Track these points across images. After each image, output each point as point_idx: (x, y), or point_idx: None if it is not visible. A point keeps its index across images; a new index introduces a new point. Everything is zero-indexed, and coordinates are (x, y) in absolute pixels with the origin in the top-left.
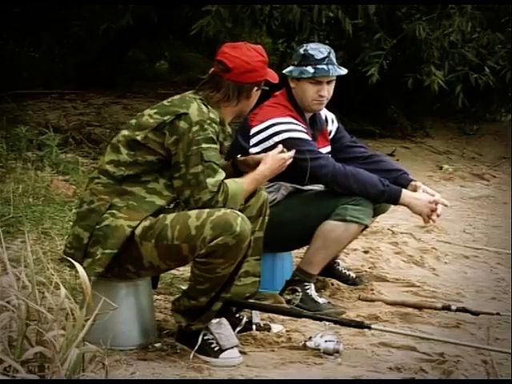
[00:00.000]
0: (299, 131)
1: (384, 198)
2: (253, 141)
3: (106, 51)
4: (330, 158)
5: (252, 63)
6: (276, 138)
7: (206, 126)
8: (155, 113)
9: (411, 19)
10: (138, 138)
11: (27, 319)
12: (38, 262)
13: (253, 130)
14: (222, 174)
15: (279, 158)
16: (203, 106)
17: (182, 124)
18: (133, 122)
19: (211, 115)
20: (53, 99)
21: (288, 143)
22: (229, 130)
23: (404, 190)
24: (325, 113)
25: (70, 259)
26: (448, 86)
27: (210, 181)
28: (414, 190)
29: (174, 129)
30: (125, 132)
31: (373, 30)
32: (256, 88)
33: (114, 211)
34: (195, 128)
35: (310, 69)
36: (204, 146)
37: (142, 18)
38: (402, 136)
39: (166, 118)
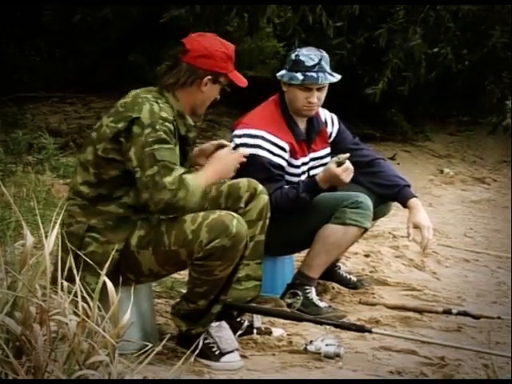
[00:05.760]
0: (266, 150)
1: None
2: (231, 144)
3: (106, 55)
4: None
5: (210, 49)
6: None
7: (157, 127)
8: (111, 121)
9: (386, 20)
10: (99, 152)
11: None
12: (43, 266)
13: (234, 133)
14: (178, 170)
15: (225, 158)
16: (155, 105)
17: (135, 129)
18: (94, 135)
19: (163, 114)
20: (54, 103)
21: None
22: (190, 121)
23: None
24: (324, 114)
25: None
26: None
27: (167, 179)
28: (412, 209)
29: (129, 134)
30: (90, 148)
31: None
32: (210, 78)
33: (95, 235)
34: (147, 130)
35: (300, 75)
36: (156, 146)
37: (142, 21)
38: (403, 140)
39: (120, 125)
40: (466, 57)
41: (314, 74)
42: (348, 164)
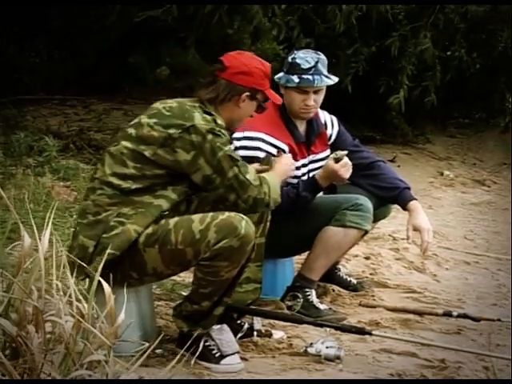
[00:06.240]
0: (265, 152)
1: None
2: (231, 147)
3: (106, 57)
4: None
5: (249, 66)
6: (241, 152)
7: (217, 133)
8: (156, 123)
9: (396, 27)
10: (146, 153)
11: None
12: (38, 268)
13: (233, 136)
14: (253, 168)
15: (285, 160)
16: (206, 115)
17: (194, 137)
18: (131, 132)
19: (219, 122)
20: (54, 105)
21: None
22: (228, 136)
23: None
24: (324, 116)
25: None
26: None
27: (250, 176)
28: (412, 212)
29: (187, 144)
30: (127, 144)
31: (352, 39)
32: (248, 95)
33: (122, 219)
34: (209, 137)
35: (296, 78)
36: (227, 148)
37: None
38: (403, 142)
39: (171, 131)
40: (476, 60)
41: (309, 77)
42: (346, 160)
